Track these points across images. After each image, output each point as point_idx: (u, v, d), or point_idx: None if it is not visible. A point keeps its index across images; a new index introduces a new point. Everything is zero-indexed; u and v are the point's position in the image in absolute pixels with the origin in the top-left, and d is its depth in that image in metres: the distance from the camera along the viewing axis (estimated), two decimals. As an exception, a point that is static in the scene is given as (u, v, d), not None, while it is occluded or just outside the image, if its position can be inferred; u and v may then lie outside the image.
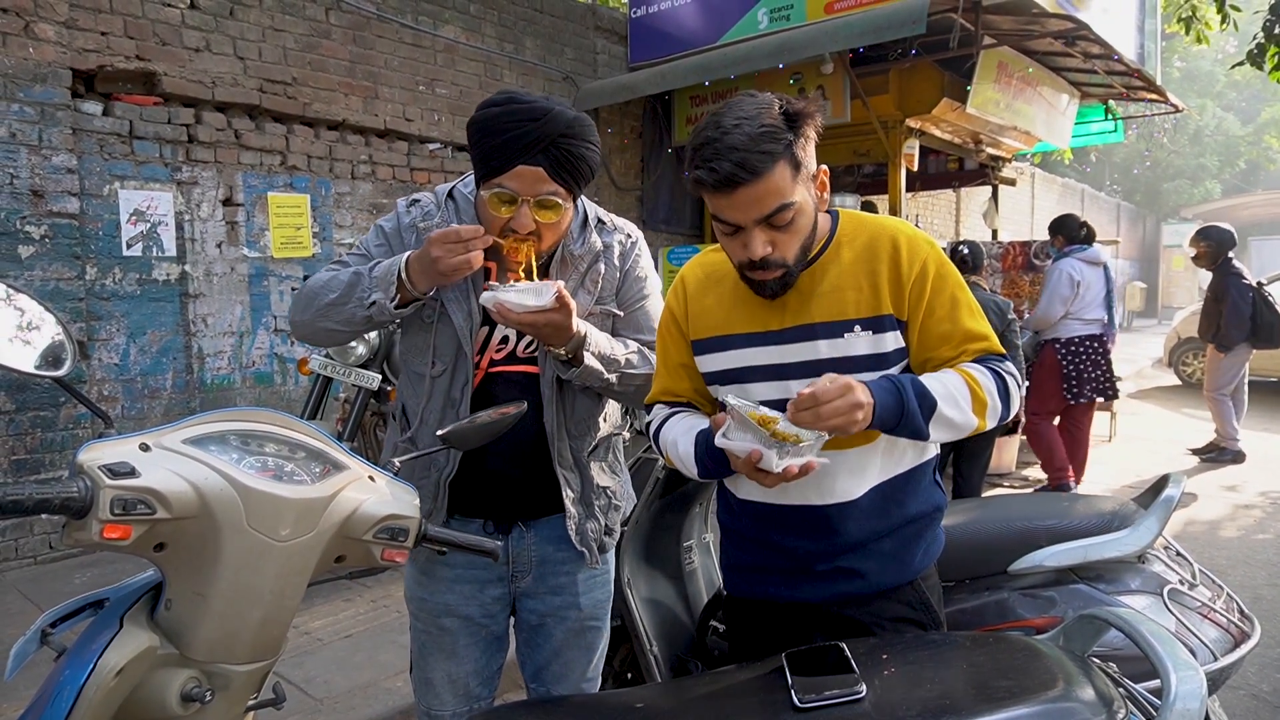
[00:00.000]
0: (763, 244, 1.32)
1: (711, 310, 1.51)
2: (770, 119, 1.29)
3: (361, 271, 1.55)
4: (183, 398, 4.58)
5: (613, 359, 1.57)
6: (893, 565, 1.44)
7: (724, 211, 1.32)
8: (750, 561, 1.54)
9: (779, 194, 1.29)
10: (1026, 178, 15.21)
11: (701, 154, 1.29)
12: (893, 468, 1.44)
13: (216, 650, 1.10)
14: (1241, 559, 4.30)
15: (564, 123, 1.46)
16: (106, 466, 1.01)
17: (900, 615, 1.44)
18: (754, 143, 1.26)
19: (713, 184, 1.29)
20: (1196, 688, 0.87)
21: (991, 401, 1.35)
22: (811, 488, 1.41)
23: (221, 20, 4.66)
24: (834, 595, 1.45)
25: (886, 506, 1.44)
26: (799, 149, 1.31)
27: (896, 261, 1.39)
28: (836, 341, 1.39)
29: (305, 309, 1.61)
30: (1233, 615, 1.85)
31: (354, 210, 5.36)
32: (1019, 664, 1.01)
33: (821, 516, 1.43)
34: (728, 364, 1.48)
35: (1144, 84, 7.08)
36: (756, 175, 1.26)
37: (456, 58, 5.92)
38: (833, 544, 1.44)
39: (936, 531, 1.52)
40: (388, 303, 1.50)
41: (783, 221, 1.31)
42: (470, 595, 1.65)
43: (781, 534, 1.47)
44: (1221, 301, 6.52)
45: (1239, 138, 26.54)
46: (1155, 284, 24.97)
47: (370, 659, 3.06)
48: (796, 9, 6.33)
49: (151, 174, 4.42)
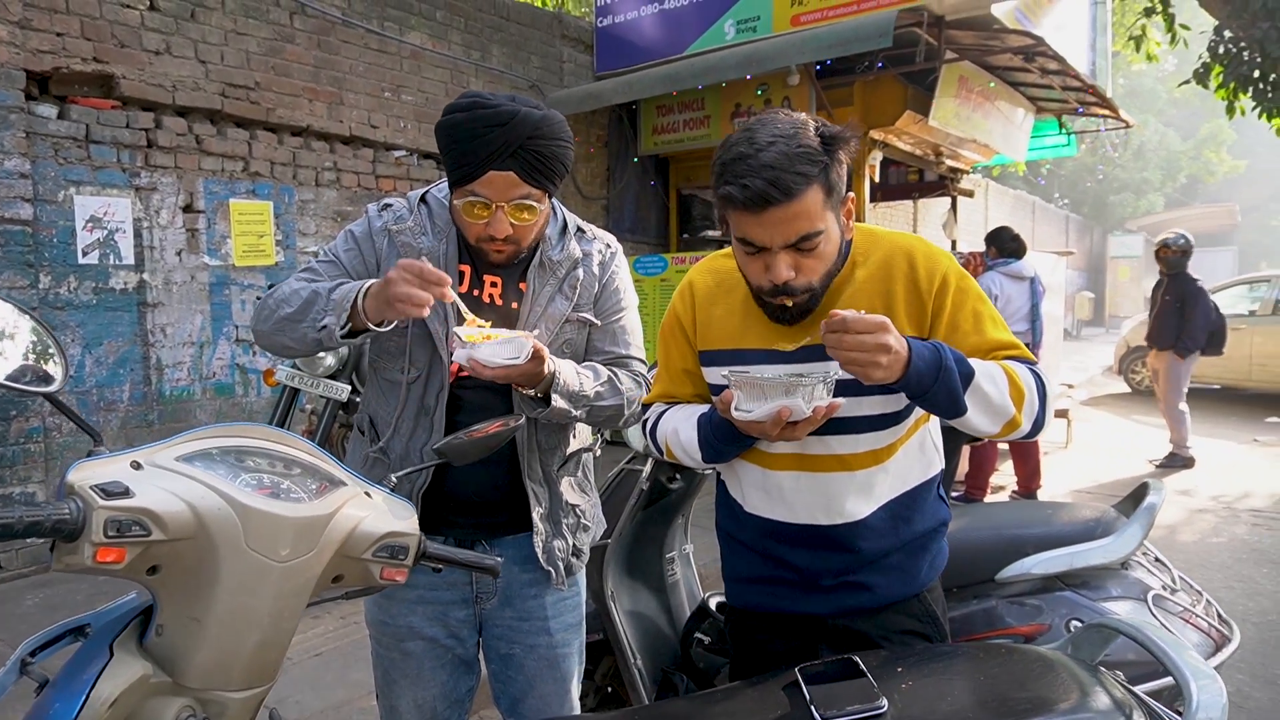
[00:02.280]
0: (786, 268, 1.26)
1: (721, 321, 1.47)
2: (807, 139, 1.23)
3: (321, 291, 1.48)
4: (140, 410, 4.44)
5: (581, 395, 1.52)
6: (900, 578, 1.44)
7: (750, 231, 1.26)
8: (756, 574, 1.53)
9: (809, 219, 1.24)
10: (981, 190, 15.55)
11: (733, 169, 1.23)
12: (900, 485, 1.43)
13: (212, 677, 1.06)
14: (1199, 563, 4.41)
15: (531, 124, 1.42)
16: (99, 487, 0.96)
17: (907, 628, 1.44)
18: (789, 162, 1.20)
19: (742, 201, 1.22)
20: (1218, 696, 0.88)
21: (1029, 395, 1.29)
22: (820, 508, 1.40)
23: (182, 23, 4.54)
24: (841, 608, 1.44)
25: (895, 524, 1.43)
26: (833, 173, 1.26)
27: (914, 279, 1.35)
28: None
29: (265, 320, 1.55)
30: (1212, 619, 1.89)
31: (318, 218, 5.26)
32: (1036, 675, 1.01)
33: (830, 537, 1.42)
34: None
35: (1097, 99, 7.29)
36: (789, 196, 1.21)
37: (422, 64, 5.86)
38: (841, 561, 1.43)
39: (942, 545, 1.52)
40: (336, 329, 1.44)
41: (810, 248, 1.26)
42: (434, 617, 1.60)
43: (789, 550, 1.46)
44: (1189, 308, 6.64)
45: (1180, 152, 27.49)
46: (1102, 294, 25.69)
47: (341, 678, 2.98)
48: (763, 21, 6.39)
49: (109, 179, 4.29)
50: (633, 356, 1.69)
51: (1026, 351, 1.37)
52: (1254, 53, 7.38)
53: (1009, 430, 1.30)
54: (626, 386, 1.61)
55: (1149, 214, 26.14)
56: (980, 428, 1.28)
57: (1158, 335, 6.90)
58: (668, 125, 7.24)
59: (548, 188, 1.49)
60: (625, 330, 1.68)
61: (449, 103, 1.49)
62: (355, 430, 1.68)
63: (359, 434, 1.66)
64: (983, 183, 15.62)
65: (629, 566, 2.50)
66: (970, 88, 6.68)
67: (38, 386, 1.05)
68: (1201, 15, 7.84)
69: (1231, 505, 5.77)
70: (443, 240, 1.57)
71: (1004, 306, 5.49)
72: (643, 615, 2.48)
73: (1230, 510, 5.64)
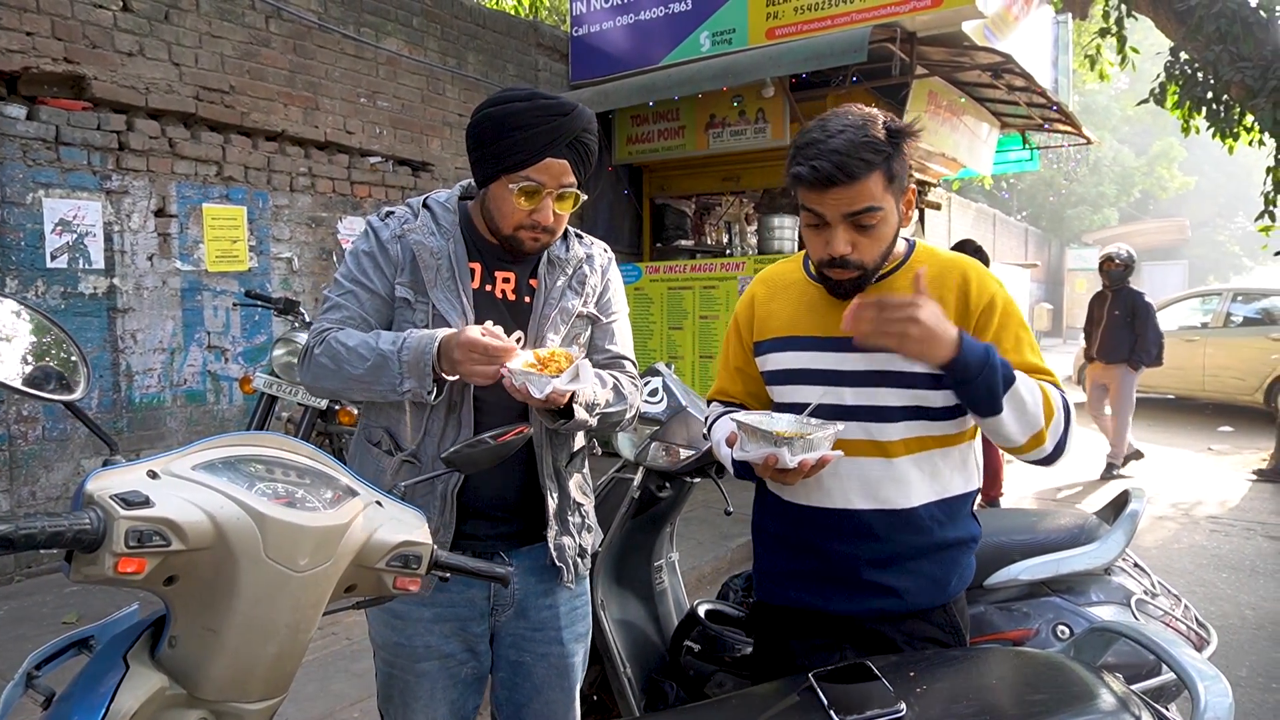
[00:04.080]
0: (845, 242, 1.38)
1: (777, 314, 1.58)
2: (874, 131, 1.35)
3: (387, 354, 1.47)
4: (109, 418, 4.34)
5: (596, 404, 1.57)
6: (930, 587, 1.48)
7: (815, 205, 1.38)
8: (784, 567, 1.56)
9: (870, 197, 1.35)
10: (944, 202, 15.84)
11: (804, 152, 1.36)
12: (940, 490, 1.48)
13: (228, 689, 1.05)
14: (1162, 568, 4.54)
15: (586, 119, 1.52)
16: (119, 496, 0.95)
17: (931, 636, 1.47)
18: (856, 150, 1.32)
19: (810, 180, 1.35)
20: (1224, 696, 0.92)
21: (1057, 413, 1.38)
22: (855, 492, 1.46)
23: (156, 24, 4.47)
24: (868, 610, 1.47)
25: (928, 525, 1.47)
26: (895, 164, 1.38)
27: (965, 292, 1.45)
28: (894, 356, 1.41)
29: (325, 378, 1.53)
30: (1191, 623, 1.96)
31: (293, 223, 5.20)
32: (1046, 678, 1.05)
33: (863, 522, 1.46)
34: (786, 364, 1.54)
35: (1061, 116, 7.48)
36: (853, 179, 1.33)
37: (399, 71, 5.83)
38: (872, 552, 1.46)
39: (970, 559, 1.56)
40: (424, 394, 1.46)
41: (868, 223, 1.37)
42: (452, 634, 1.60)
43: (822, 537, 1.49)
44: (1140, 321, 6.76)
45: (1134, 169, 28.25)
46: (1060, 305, 26.27)
47: (323, 689, 2.95)
48: (738, 33, 6.46)
49: (79, 182, 4.20)
50: (628, 357, 1.76)
51: (1058, 380, 1.45)
52: (1208, 74, 7.63)
53: (1034, 445, 1.38)
54: (628, 391, 1.67)
55: (1105, 228, 26.81)
56: (1010, 434, 1.36)
57: (1109, 349, 6.92)
58: (642, 135, 7.27)
59: (583, 180, 1.56)
60: (621, 332, 1.76)
61: (494, 95, 1.54)
62: (363, 443, 1.65)
63: (369, 446, 1.62)
64: (947, 196, 15.91)
65: (618, 575, 2.51)
66: (939, 103, 6.82)
67: (60, 394, 1.03)
68: (1158, 36, 8.10)
69: (1189, 513, 5.93)
70: (450, 240, 1.59)
71: None
72: (631, 624, 2.49)
73: (1189, 518, 5.80)
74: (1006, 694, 1.03)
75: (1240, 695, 3.12)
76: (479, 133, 1.51)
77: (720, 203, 8.63)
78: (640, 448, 2.33)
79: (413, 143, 5.92)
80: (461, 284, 1.56)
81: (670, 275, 6.99)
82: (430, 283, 1.55)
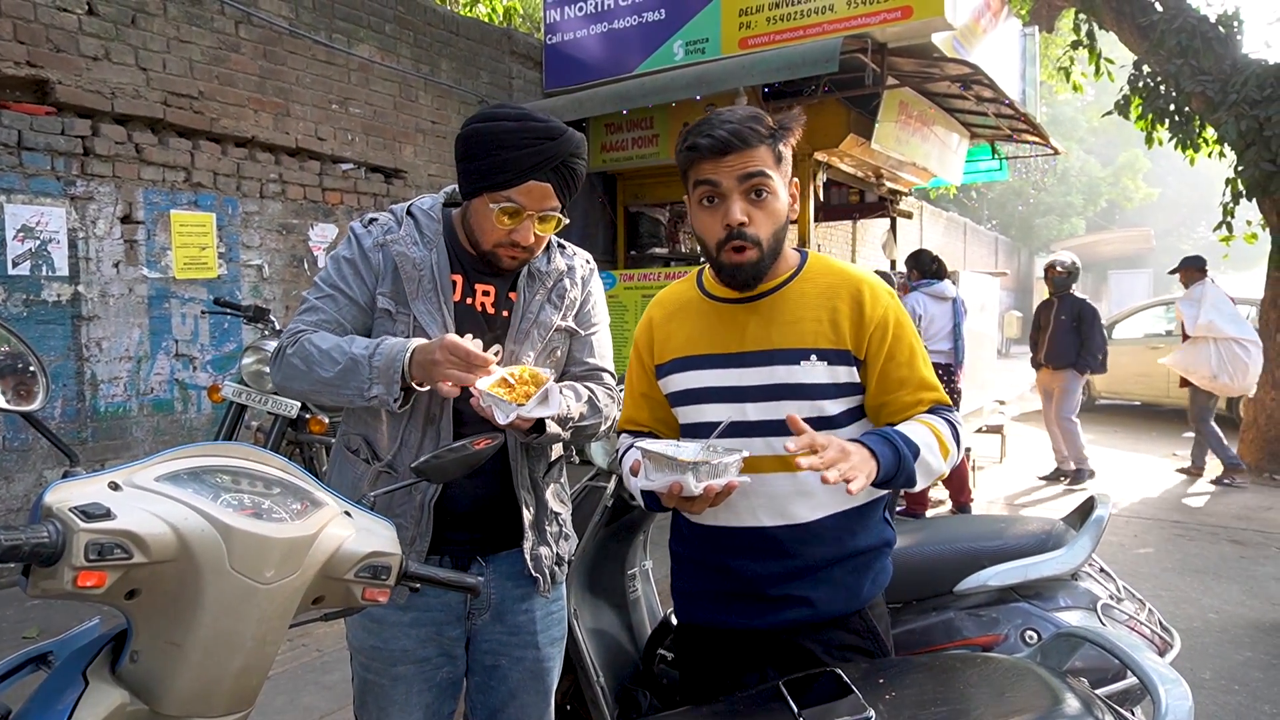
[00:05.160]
0: (741, 210, 1.42)
1: (675, 334, 1.59)
2: (758, 118, 1.44)
3: (359, 358, 1.47)
4: (73, 427, 4.26)
5: (569, 418, 1.57)
6: (841, 593, 1.49)
7: (710, 174, 1.43)
8: (701, 588, 1.57)
9: (762, 163, 1.42)
10: (916, 211, 16.03)
11: (699, 128, 1.44)
12: (847, 500, 1.49)
13: (192, 704, 1.03)
14: (1128, 572, 4.60)
15: (575, 143, 1.51)
16: (79, 509, 0.93)
17: (849, 644, 1.48)
18: (747, 122, 1.42)
19: (706, 148, 1.41)
20: (1184, 699, 0.93)
21: (951, 449, 1.45)
22: (763, 509, 1.47)
23: (122, 28, 4.41)
24: (783, 622, 1.48)
25: (838, 536, 1.49)
26: (782, 145, 1.46)
27: (860, 304, 1.48)
28: (793, 369, 1.46)
29: (295, 379, 1.53)
30: (1155, 627, 1.99)
31: (263, 230, 5.14)
32: (1012, 683, 1.06)
33: (771, 539, 1.47)
34: (689, 384, 1.55)
35: (1029, 127, 7.60)
36: (746, 145, 1.40)
37: (371, 77, 5.80)
38: (782, 567, 1.48)
39: (885, 563, 1.57)
40: (390, 400, 1.45)
41: (762, 188, 1.43)
42: (427, 638, 1.59)
43: (732, 556, 1.51)
44: (1086, 326, 6.87)
45: (1100, 179, 28.79)
46: (1029, 312, 26.59)
47: (292, 702, 2.91)
48: (712, 43, 6.50)
49: (42, 187, 4.13)
50: (606, 369, 1.76)
51: (945, 396, 1.51)
52: (1170, 87, 7.81)
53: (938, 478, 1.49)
54: (604, 403, 1.67)
55: (1072, 236, 27.29)
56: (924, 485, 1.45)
57: (1056, 354, 7.04)
58: (616, 143, 7.29)
59: (567, 203, 1.55)
60: (601, 343, 1.76)
61: (487, 110, 1.54)
62: (342, 451, 1.64)
63: (348, 454, 1.63)
64: (918, 204, 16.11)
65: (591, 584, 2.50)
66: (910, 113, 6.90)
67: (17, 405, 1.01)
68: (1123, 49, 8.27)
69: (1154, 517, 6.03)
70: (433, 250, 1.58)
71: (927, 326, 5.64)
72: (605, 633, 2.48)
73: (1154, 523, 5.90)
74: (974, 700, 1.05)
75: (1203, 698, 3.17)
76: (466, 147, 1.51)
77: (694, 211, 8.65)
78: (613, 456, 2.33)
79: (385, 149, 5.89)
80: (443, 296, 1.55)
81: (645, 283, 7.01)
82: (412, 294, 1.55)
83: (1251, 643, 3.77)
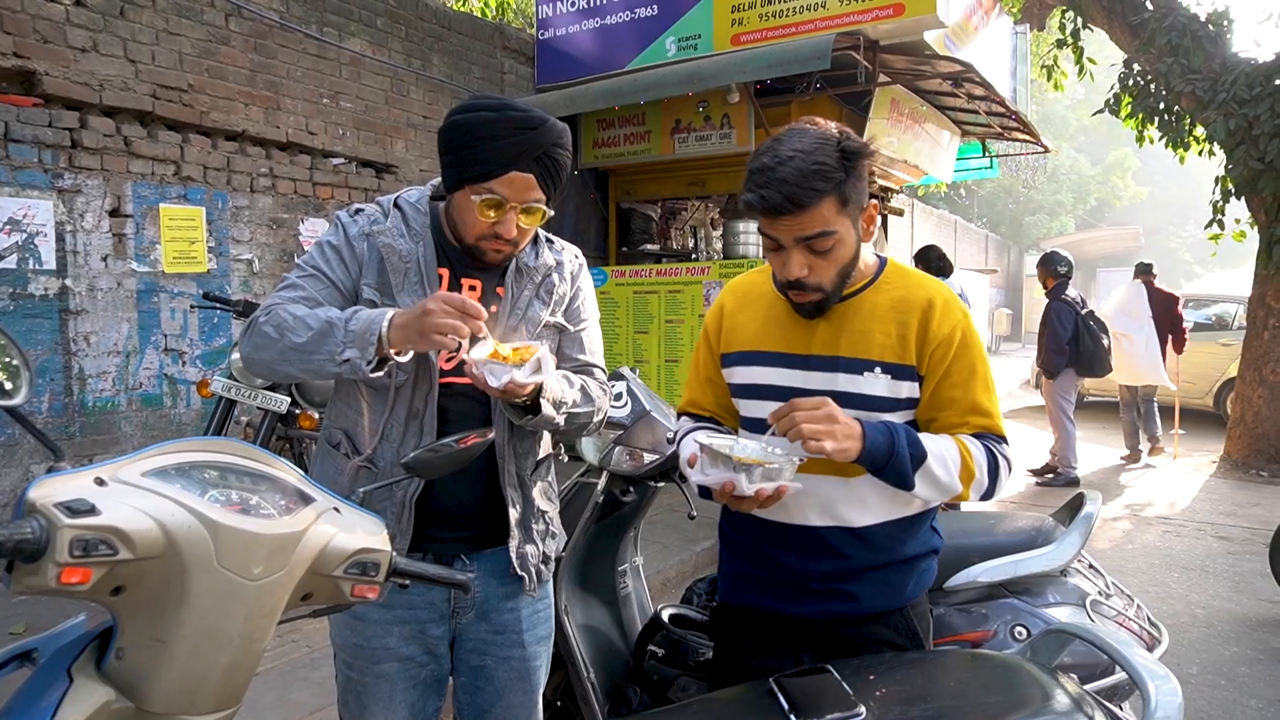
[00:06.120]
0: (800, 266, 1.39)
1: (745, 326, 1.58)
2: (825, 156, 1.34)
3: (335, 321, 1.43)
4: (60, 422, 4.23)
5: (563, 403, 1.56)
6: (885, 591, 1.50)
7: (768, 230, 1.41)
8: (747, 571, 1.58)
9: (821, 223, 1.36)
10: (907, 209, 16.06)
11: (755, 179, 1.37)
12: (899, 510, 1.49)
13: (178, 701, 1.02)
14: (1116, 568, 4.63)
15: (557, 133, 1.49)
16: (63, 504, 0.92)
17: (886, 639, 1.49)
18: (805, 179, 1.32)
19: (760, 210, 1.37)
20: (1173, 695, 0.94)
21: (979, 475, 1.41)
22: (813, 510, 1.47)
23: (111, 20, 4.37)
24: (826, 613, 1.49)
25: (886, 543, 1.49)
26: (849, 187, 1.37)
27: (928, 319, 1.45)
28: (855, 378, 1.45)
29: (265, 348, 1.48)
30: (1143, 623, 2.00)
31: (253, 224, 5.11)
32: (1002, 680, 1.06)
33: (821, 539, 1.47)
34: (752, 379, 1.55)
35: (1019, 125, 7.62)
36: (802, 209, 1.34)
37: (362, 71, 5.76)
38: (831, 566, 1.48)
39: (931, 565, 1.58)
40: (362, 363, 1.40)
41: (822, 247, 1.38)
42: (411, 636, 1.58)
43: (781, 550, 1.51)
44: (1047, 331, 6.87)
45: (1090, 177, 28.92)
46: (1020, 310, 26.77)
47: (281, 698, 2.89)
48: (704, 39, 6.49)
49: (29, 180, 4.08)
50: (597, 365, 1.74)
51: (999, 425, 1.47)
52: (1160, 86, 7.84)
53: (955, 500, 1.46)
54: (596, 395, 1.66)
55: (1062, 234, 27.39)
56: (926, 498, 1.43)
57: (1039, 359, 7.28)
58: (608, 139, 7.27)
59: (551, 195, 1.53)
60: (591, 339, 1.74)
61: (466, 101, 1.52)
62: (325, 445, 1.63)
63: (330, 449, 1.61)
64: (909, 202, 16.13)
65: (581, 580, 2.50)
66: (901, 110, 6.91)
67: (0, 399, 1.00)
68: (1114, 48, 8.30)
69: (1142, 514, 6.07)
70: (419, 243, 1.57)
71: None
72: (595, 629, 2.48)
73: (1142, 519, 5.93)
74: (963, 696, 1.05)
75: (1191, 693, 3.19)
76: (446, 139, 1.49)
77: (686, 207, 8.66)
78: (604, 452, 2.33)
79: (376, 144, 5.86)
80: (429, 289, 1.54)
81: (636, 279, 7.00)
82: (398, 287, 1.53)
83: (1238, 638, 3.80)
